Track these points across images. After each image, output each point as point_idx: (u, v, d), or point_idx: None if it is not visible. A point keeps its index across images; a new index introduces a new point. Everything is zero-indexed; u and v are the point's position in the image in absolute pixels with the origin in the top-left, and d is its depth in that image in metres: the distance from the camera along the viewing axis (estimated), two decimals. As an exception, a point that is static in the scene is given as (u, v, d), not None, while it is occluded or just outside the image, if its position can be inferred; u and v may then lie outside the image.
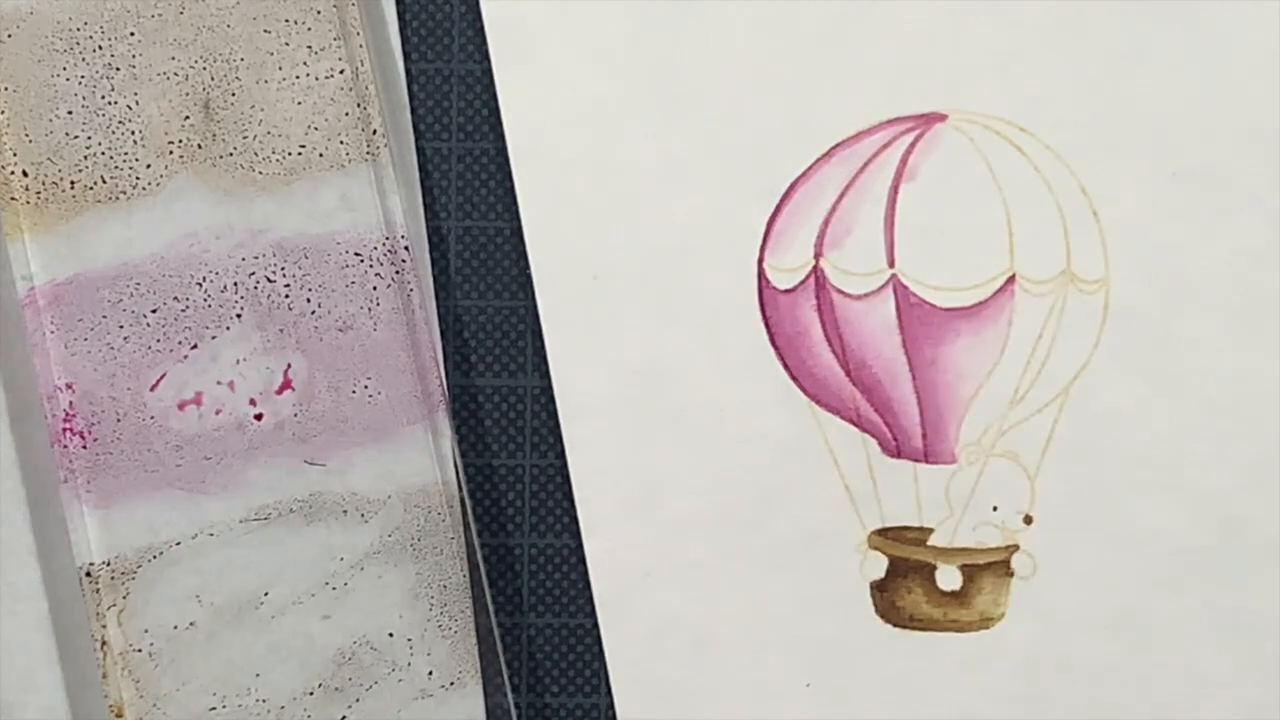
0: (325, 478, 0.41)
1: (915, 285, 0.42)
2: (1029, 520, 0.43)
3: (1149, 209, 0.42)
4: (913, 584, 0.43)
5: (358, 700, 0.41)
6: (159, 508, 0.41)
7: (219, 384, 0.41)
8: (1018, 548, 0.43)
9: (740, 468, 0.43)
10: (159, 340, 0.41)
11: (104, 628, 0.41)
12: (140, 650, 0.41)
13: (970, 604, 0.43)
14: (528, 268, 0.43)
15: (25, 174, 0.41)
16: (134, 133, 0.41)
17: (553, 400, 0.43)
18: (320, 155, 0.41)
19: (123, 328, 0.41)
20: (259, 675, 0.41)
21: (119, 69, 0.41)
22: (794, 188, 0.42)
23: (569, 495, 0.43)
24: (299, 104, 0.41)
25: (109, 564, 0.41)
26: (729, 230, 0.42)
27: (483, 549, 0.43)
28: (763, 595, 0.43)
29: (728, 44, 0.42)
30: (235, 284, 0.41)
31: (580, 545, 0.43)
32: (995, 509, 0.43)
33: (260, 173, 0.41)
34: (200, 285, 0.41)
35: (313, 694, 0.41)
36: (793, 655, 0.43)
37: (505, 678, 0.42)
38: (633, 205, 0.42)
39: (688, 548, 0.43)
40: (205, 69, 0.41)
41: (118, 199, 0.41)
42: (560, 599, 0.44)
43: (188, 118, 0.41)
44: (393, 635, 0.41)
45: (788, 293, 0.42)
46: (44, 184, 0.41)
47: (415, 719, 0.41)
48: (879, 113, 0.42)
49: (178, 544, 0.41)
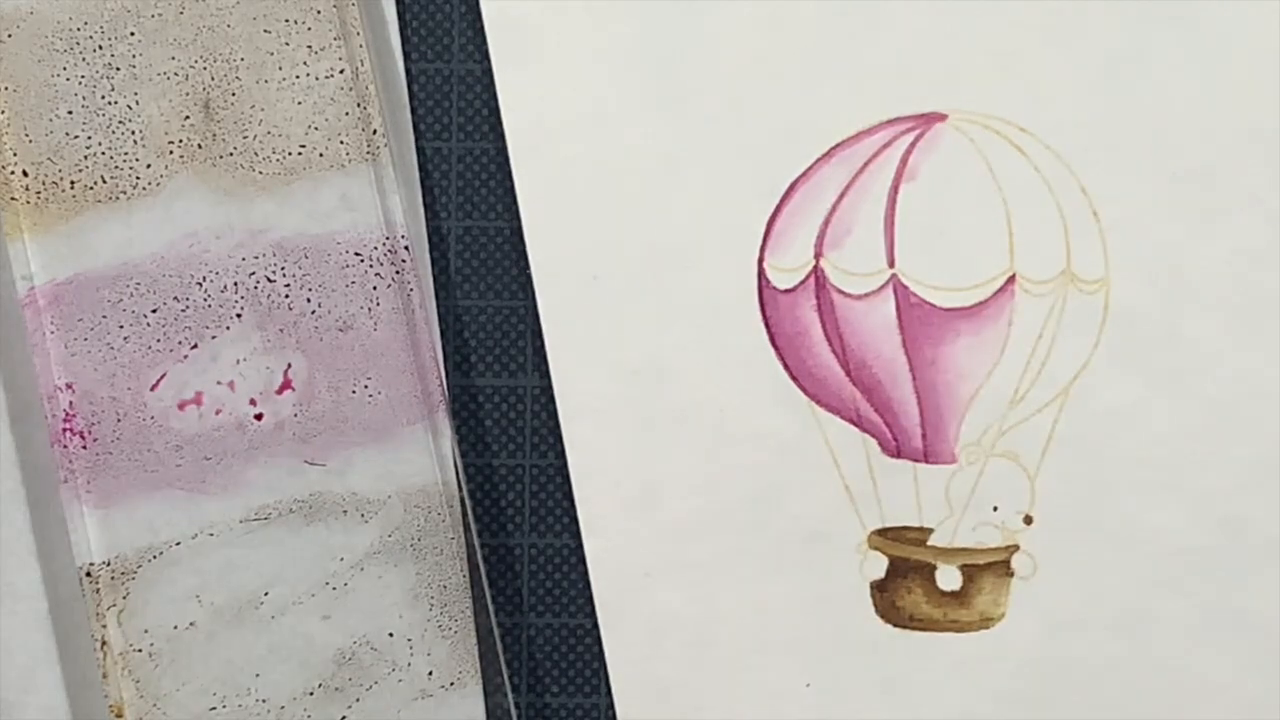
0: (325, 478, 0.41)
1: (915, 285, 0.42)
2: (1029, 520, 0.43)
3: (1149, 209, 0.42)
4: (913, 584, 0.43)
5: (358, 700, 0.41)
6: (159, 508, 0.41)
7: (219, 384, 0.41)
8: (1018, 548, 0.43)
9: (740, 468, 0.43)
10: (159, 340, 0.41)
11: (104, 628, 0.41)
12: (140, 650, 0.41)
13: (970, 604, 0.43)
14: (528, 268, 0.43)
15: (25, 174, 0.41)
16: (134, 133, 0.41)
17: (553, 400, 0.43)
18: (320, 155, 0.41)
19: (123, 328, 0.41)
20: (259, 675, 0.41)
21: (119, 69, 0.41)
22: (794, 188, 0.42)
23: (569, 495, 0.43)
24: (299, 104, 0.41)
25: (109, 564, 0.41)
26: (729, 230, 0.42)
27: (483, 549, 0.43)
28: (763, 595, 0.43)
29: (728, 44, 0.42)
30: (235, 284, 0.41)
31: (580, 545, 0.43)
32: (995, 509, 0.43)
33: (260, 173, 0.41)
34: (200, 285, 0.41)
35: (313, 694, 0.41)
36: (793, 655, 0.43)
37: (505, 678, 0.42)
38: (633, 205, 0.42)
39: (688, 548, 0.43)
40: (205, 69, 0.41)
41: (118, 199, 0.41)
42: (560, 599, 0.44)
43: (188, 118, 0.41)
44: (393, 635, 0.41)
45: (788, 293, 0.42)
46: (44, 184, 0.41)
47: (415, 719, 0.41)
48: (879, 113, 0.42)
49: (178, 544, 0.41)
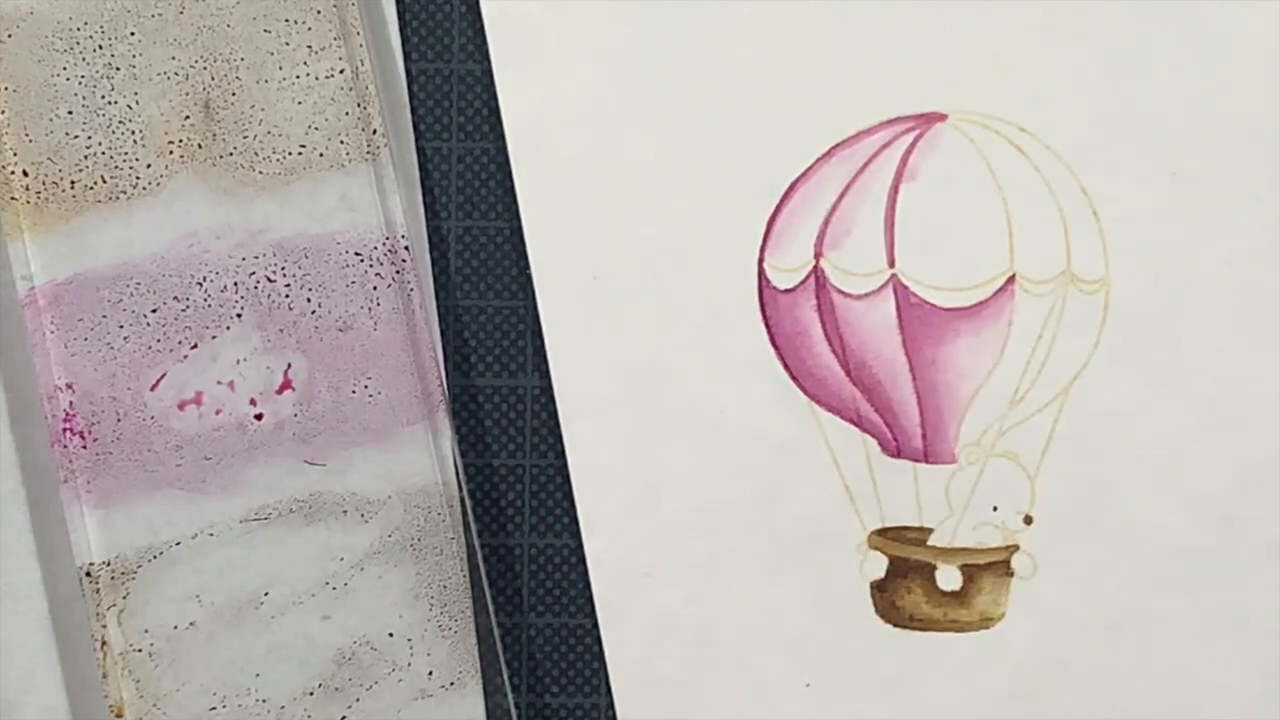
0: (325, 478, 0.41)
1: (915, 285, 0.42)
2: (1029, 520, 0.43)
3: (1149, 209, 0.42)
4: (913, 584, 0.43)
5: (358, 700, 0.41)
6: (159, 508, 0.41)
7: (219, 384, 0.41)
8: (1018, 548, 0.43)
9: (740, 468, 0.43)
10: (159, 340, 0.41)
11: (104, 628, 0.41)
12: (140, 650, 0.41)
13: (970, 604, 0.43)
14: (528, 268, 0.43)
15: (25, 174, 0.41)
16: (134, 133, 0.41)
17: (553, 400, 0.43)
18: (320, 155, 0.41)
19: (123, 328, 0.41)
20: (259, 675, 0.41)
21: (119, 69, 0.41)
22: (794, 188, 0.42)
23: (569, 495, 0.43)
24: (299, 104, 0.41)
25: (109, 564, 0.41)
26: (729, 230, 0.42)
27: (483, 549, 0.43)
28: (763, 595, 0.43)
29: (728, 44, 0.42)
30: (235, 284, 0.41)
31: (580, 545, 0.43)
32: (995, 509, 0.43)
33: (260, 173, 0.41)
34: (200, 285, 0.41)
35: (313, 694, 0.41)
36: (793, 655, 0.43)
37: (505, 678, 0.42)
38: (633, 205, 0.42)
39: (688, 548, 0.43)
40: (205, 69, 0.41)
41: (118, 199, 0.41)
42: (560, 599, 0.44)
43: (188, 118, 0.41)
44: (393, 635, 0.41)
45: (788, 293, 0.42)
46: (44, 184, 0.41)
47: (415, 719, 0.41)
48: (879, 113, 0.42)
49: (178, 544, 0.41)
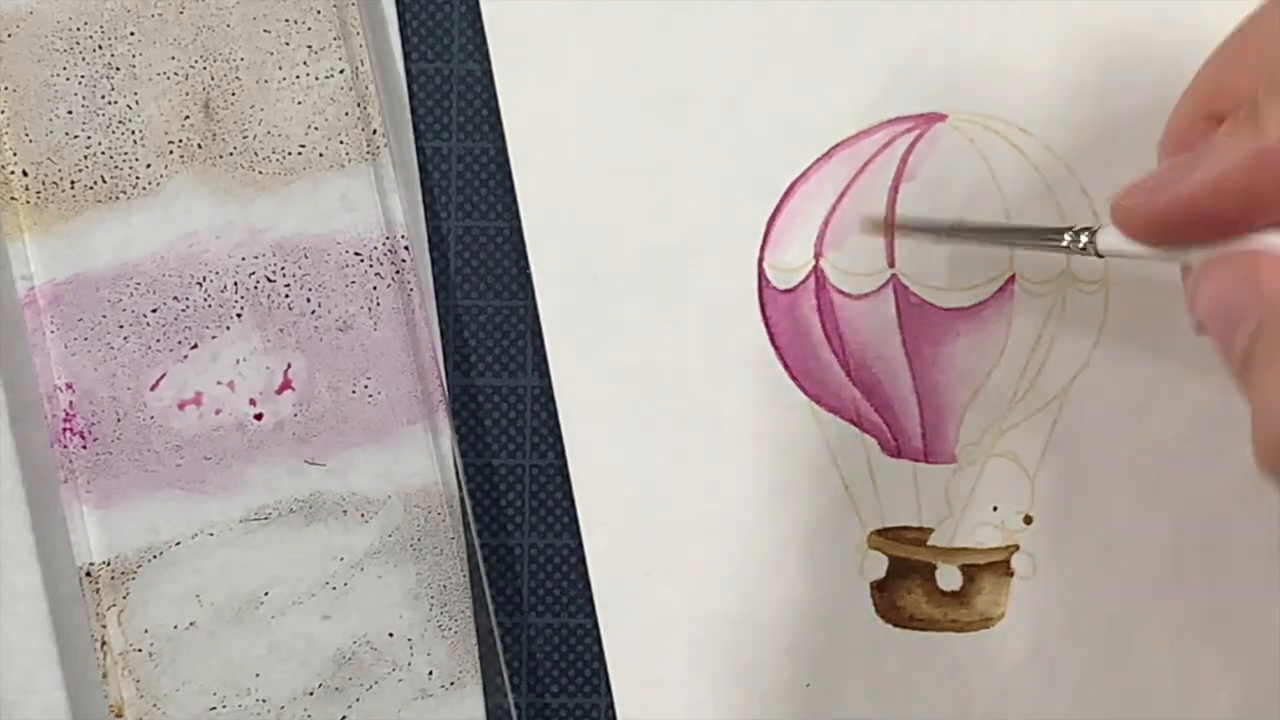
0: (325, 478, 0.41)
1: (915, 285, 0.42)
2: (1029, 520, 0.43)
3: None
4: (913, 584, 0.43)
5: (358, 700, 0.41)
6: (159, 508, 0.41)
7: (219, 384, 0.41)
8: (1018, 548, 0.43)
9: (740, 468, 0.43)
10: (159, 340, 0.41)
11: (104, 628, 0.41)
12: (140, 650, 0.41)
13: (970, 604, 0.43)
14: (528, 268, 0.43)
15: (25, 174, 0.41)
16: (134, 133, 0.41)
17: (553, 400, 0.43)
18: (320, 155, 0.41)
19: (123, 328, 0.41)
20: (259, 675, 0.41)
21: (119, 69, 0.41)
22: (794, 188, 0.42)
23: (569, 495, 0.43)
24: (299, 104, 0.41)
25: (109, 564, 0.41)
26: (729, 230, 0.42)
27: (483, 549, 0.43)
28: (763, 595, 0.43)
29: (728, 44, 0.42)
30: (235, 284, 0.41)
31: (580, 545, 0.43)
32: (995, 509, 0.43)
33: (260, 173, 0.41)
34: (200, 285, 0.41)
35: (313, 694, 0.41)
36: (793, 655, 0.43)
37: (505, 678, 0.42)
38: (633, 205, 0.42)
39: (688, 547, 0.43)
40: (205, 69, 0.41)
41: (118, 199, 0.41)
42: (560, 599, 0.44)
43: (188, 118, 0.41)
44: (393, 635, 0.41)
45: (788, 293, 0.42)
46: (44, 184, 0.41)
47: (415, 719, 0.41)
48: (879, 113, 0.42)
49: (178, 544, 0.41)
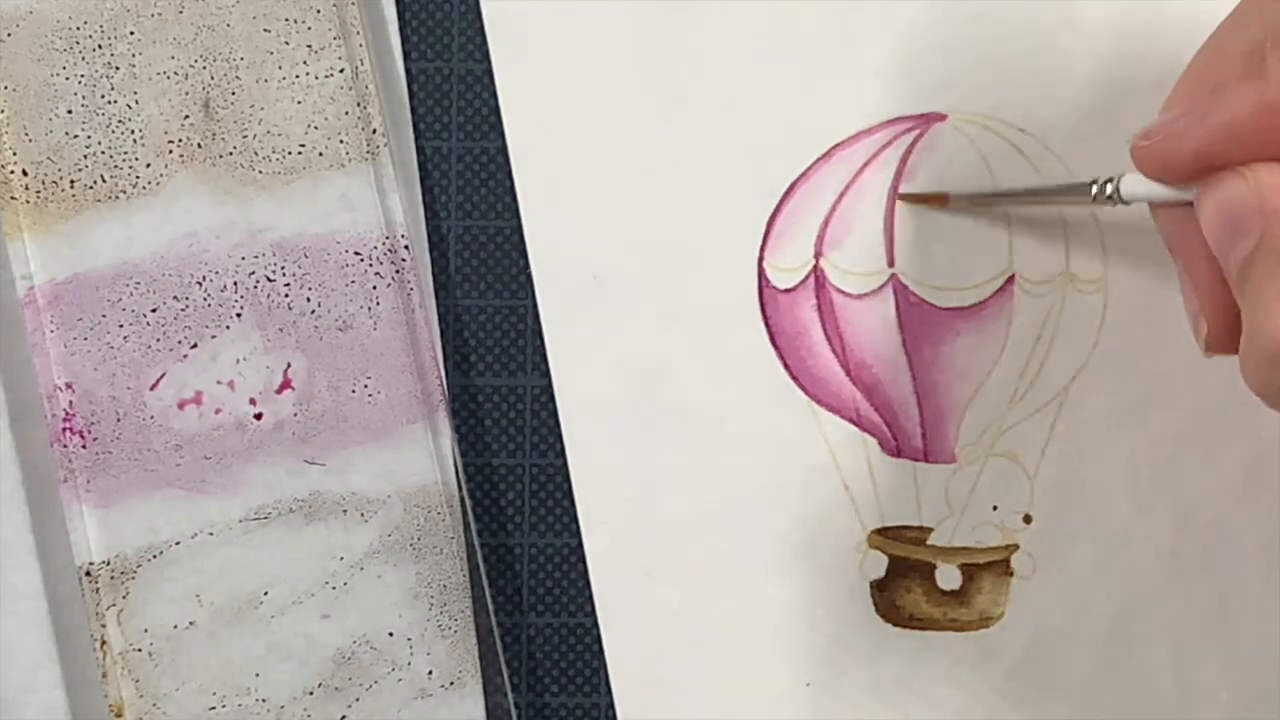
0: (325, 477, 0.41)
1: (915, 285, 0.42)
2: (1028, 520, 0.43)
3: (1147, 209, 0.42)
4: (912, 583, 0.43)
5: (358, 700, 0.41)
6: (159, 507, 0.41)
7: (219, 383, 0.41)
8: (1017, 547, 0.43)
9: (740, 468, 0.43)
10: (159, 340, 0.41)
11: (104, 627, 0.41)
12: (140, 650, 0.41)
13: (970, 603, 0.43)
14: (528, 268, 0.43)
15: (25, 174, 0.41)
16: (134, 132, 0.41)
17: (553, 400, 0.43)
18: (320, 155, 0.41)
19: (122, 327, 0.41)
20: (259, 675, 0.41)
21: (119, 69, 0.41)
22: (794, 188, 0.42)
23: (569, 495, 0.43)
24: (299, 103, 0.41)
25: (109, 564, 0.41)
26: (729, 230, 0.42)
27: (483, 549, 0.43)
28: (763, 595, 0.43)
29: (728, 44, 0.42)
30: (235, 283, 0.41)
31: (580, 545, 0.43)
32: (995, 509, 0.43)
33: (260, 172, 0.41)
34: (200, 285, 0.41)
35: (313, 694, 0.41)
36: (793, 655, 0.43)
37: (505, 678, 0.42)
38: (633, 205, 0.42)
39: (688, 547, 0.43)
40: (205, 68, 0.41)
41: (117, 198, 0.41)
42: (560, 599, 0.44)
43: (187, 117, 0.41)
44: (393, 635, 0.41)
45: (788, 292, 0.42)
46: (44, 184, 0.41)
47: (415, 719, 0.41)
48: (879, 113, 0.42)
49: (178, 544, 0.41)
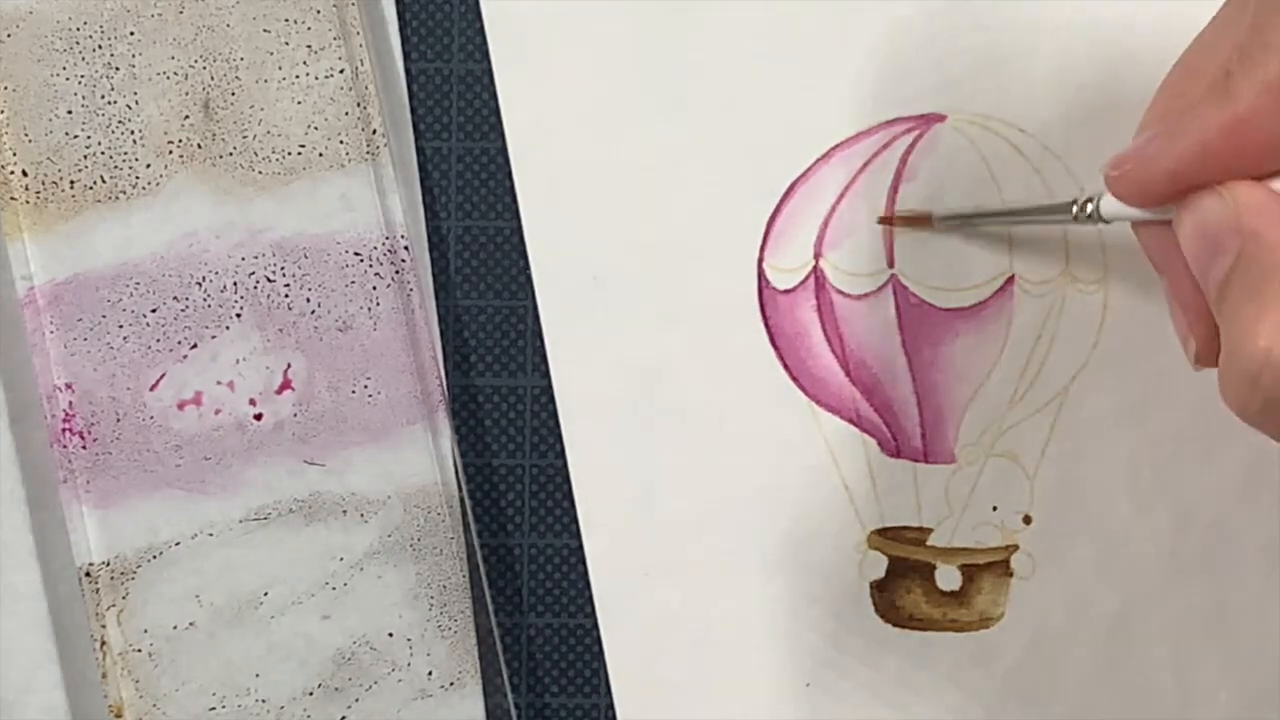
0: (325, 478, 0.41)
1: (915, 285, 0.42)
2: (1028, 520, 0.43)
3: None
4: (912, 584, 0.43)
5: (358, 700, 0.41)
6: (159, 508, 0.41)
7: (219, 384, 0.41)
8: (1017, 548, 0.43)
9: (740, 468, 0.43)
10: (159, 340, 0.41)
11: (104, 628, 0.41)
12: (140, 650, 0.41)
13: (970, 604, 0.43)
14: (528, 268, 0.43)
15: (25, 174, 0.41)
16: (134, 132, 0.41)
17: (553, 400, 0.43)
18: (320, 155, 0.41)
19: (122, 328, 0.41)
20: (259, 675, 0.41)
21: (119, 69, 0.41)
22: (794, 188, 0.42)
23: (569, 495, 0.43)
24: (299, 104, 0.41)
25: (109, 564, 0.41)
26: (729, 230, 0.42)
27: (483, 549, 0.43)
28: (763, 595, 0.43)
29: (728, 44, 0.42)
30: (235, 284, 0.41)
31: (580, 545, 0.43)
32: (995, 509, 0.43)
33: (260, 172, 0.41)
34: (200, 285, 0.41)
35: (313, 694, 0.41)
36: (793, 655, 0.43)
37: (505, 678, 0.42)
38: (633, 206, 0.42)
39: (687, 548, 0.43)
40: (205, 69, 0.41)
41: (117, 199, 0.41)
42: (560, 599, 0.44)
43: (187, 117, 0.41)
44: (393, 635, 0.41)
45: (788, 293, 0.42)
46: (44, 184, 0.41)
47: (415, 719, 0.41)
48: (879, 113, 0.42)
49: (178, 544, 0.41)
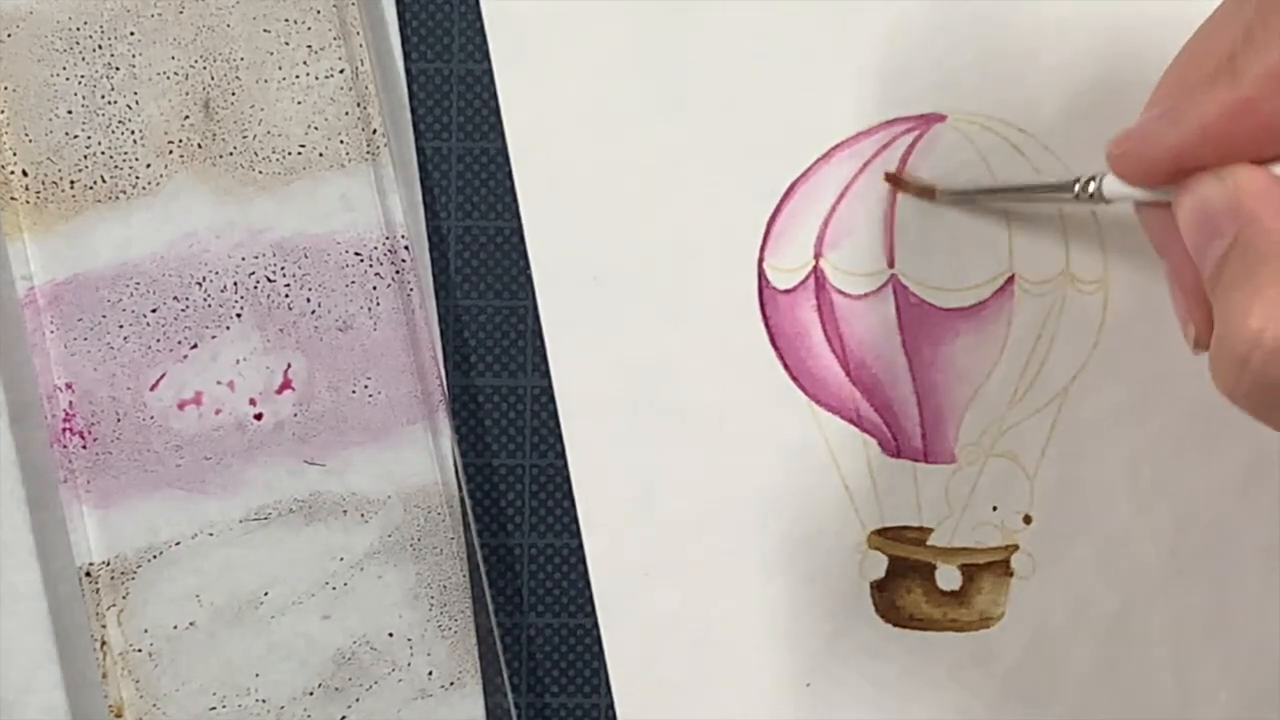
0: (325, 478, 0.41)
1: (915, 285, 0.42)
2: (1028, 520, 0.43)
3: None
4: (912, 584, 0.43)
5: (358, 700, 0.41)
6: (159, 508, 0.41)
7: (219, 384, 0.41)
8: (1017, 547, 0.43)
9: (740, 468, 0.43)
10: (159, 340, 0.41)
11: (104, 628, 0.41)
12: (140, 650, 0.41)
13: (970, 604, 0.43)
14: (528, 268, 0.43)
15: (25, 174, 0.41)
16: (134, 132, 0.41)
17: (553, 400, 0.43)
18: (320, 155, 0.41)
19: (122, 327, 0.41)
20: (259, 675, 0.41)
21: (119, 69, 0.41)
22: (794, 188, 0.42)
23: (569, 495, 0.43)
24: (299, 104, 0.41)
25: (109, 564, 0.41)
26: (729, 230, 0.42)
27: (483, 549, 0.43)
28: (763, 595, 0.43)
29: (728, 44, 0.42)
30: (235, 284, 0.41)
31: (580, 545, 0.43)
32: (995, 509, 0.43)
33: (260, 172, 0.41)
34: (200, 285, 0.41)
35: (313, 694, 0.41)
36: (793, 655, 0.43)
37: (505, 678, 0.42)
38: (633, 205, 0.42)
39: (687, 548, 0.43)
40: (205, 69, 0.41)
41: (117, 199, 0.41)
42: (560, 599, 0.44)
43: (188, 117, 0.41)
44: (393, 635, 0.41)
45: (788, 293, 0.42)
46: (44, 184, 0.41)
47: (415, 719, 0.41)
48: (879, 113, 0.42)
49: (178, 544, 0.41)
